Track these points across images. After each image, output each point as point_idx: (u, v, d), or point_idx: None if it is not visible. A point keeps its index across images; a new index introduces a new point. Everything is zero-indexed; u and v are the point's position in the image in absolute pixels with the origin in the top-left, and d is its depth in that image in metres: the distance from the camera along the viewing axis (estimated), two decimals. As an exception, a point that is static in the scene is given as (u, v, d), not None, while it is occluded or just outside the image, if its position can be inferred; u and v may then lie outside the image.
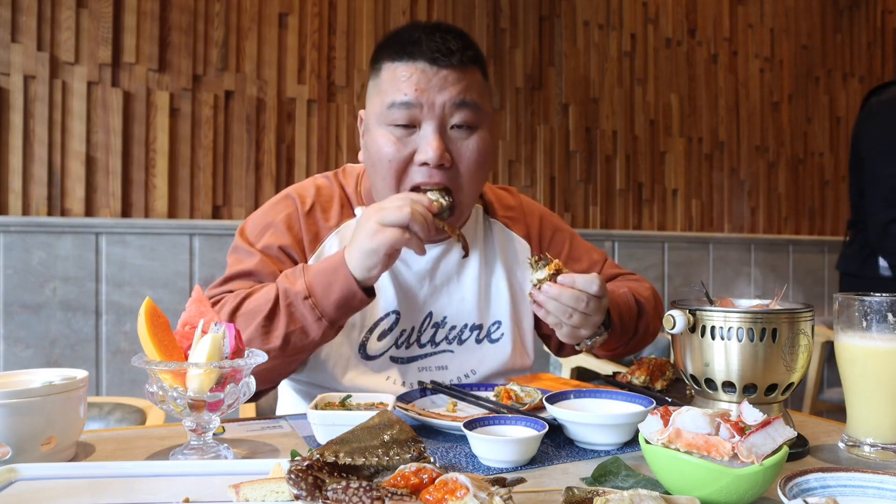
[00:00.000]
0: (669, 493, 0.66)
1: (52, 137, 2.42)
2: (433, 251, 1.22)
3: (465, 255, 1.21)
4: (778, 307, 0.90)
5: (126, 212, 2.52)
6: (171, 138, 2.58)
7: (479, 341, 1.24)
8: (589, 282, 1.02)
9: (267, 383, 1.10)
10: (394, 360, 1.20)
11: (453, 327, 1.23)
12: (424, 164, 1.08)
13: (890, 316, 0.85)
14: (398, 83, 1.08)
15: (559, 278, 1.02)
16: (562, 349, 1.37)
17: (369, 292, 1.04)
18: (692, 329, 0.87)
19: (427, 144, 1.07)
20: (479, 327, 1.24)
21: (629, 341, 1.22)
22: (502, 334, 1.25)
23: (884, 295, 0.85)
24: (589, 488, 0.63)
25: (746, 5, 3.81)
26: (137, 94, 2.54)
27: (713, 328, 0.85)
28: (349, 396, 0.95)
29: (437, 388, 1.10)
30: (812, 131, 4.02)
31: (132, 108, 2.53)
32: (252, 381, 0.86)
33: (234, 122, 2.69)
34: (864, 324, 0.86)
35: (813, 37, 4.02)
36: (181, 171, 2.60)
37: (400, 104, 1.07)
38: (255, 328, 1.01)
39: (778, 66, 3.91)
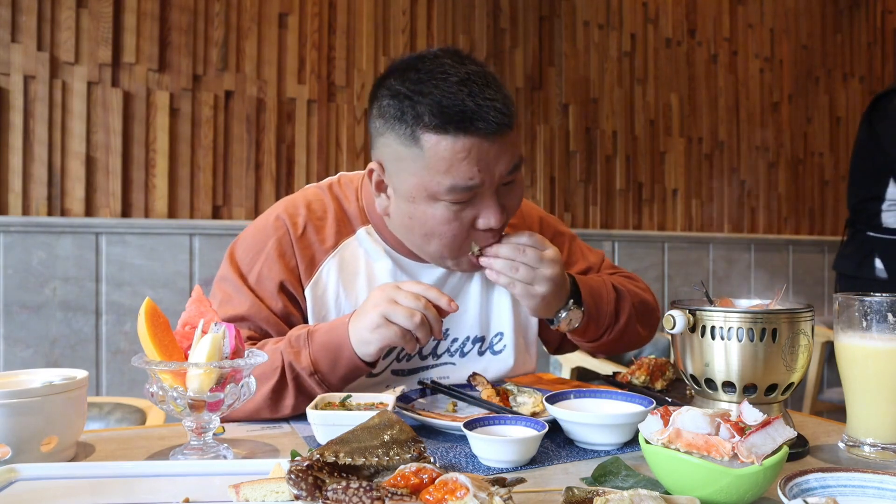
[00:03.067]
0: (669, 493, 0.66)
1: (52, 137, 2.42)
2: (439, 270, 1.20)
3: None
4: (778, 307, 0.90)
5: (126, 212, 2.52)
6: (171, 138, 2.58)
7: (481, 353, 1.24)
8: (520, 233, 1.09)
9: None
10: (395, 373, 1.19)
11: (455, 339, 1.22)
12: (488, 230, 1.07)
13: (890, 316, 0.85)
14: (458, 165, 1.00)
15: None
16: (560, 347, 1.36)
17: (376, 361, 1.05)
18: (692, 329, 0.87)
19: (491, 213, 1.05)
20: (482, 339, 1.24)
21: (612, 329, 1.19)
22: (504, 346, 1.25)
23: (884, 295, 0.85)
24: (589, 488, 0.63)
25: (746, 5, 3.81)
26: (137, 94, 2.54)
27: (713, 328, 0.85)
28: (349, 396, 0.95)
29: (437, 388, 1.10)
30: (812, 131, 4.02)
31: (132, 108, 2.53)
32: (252, 381, 0.86)
33: (234, 122, 2.69)
34: (864, 324, 0.86)
35: (813, 37, 4.02)
36: (181, 171, 2.60)
37: (465, 188, 1.01)
38: (263, 399, 1.02)
39: (778, 66, 3.91)
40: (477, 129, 0.98)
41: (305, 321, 1.14)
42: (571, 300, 1.13)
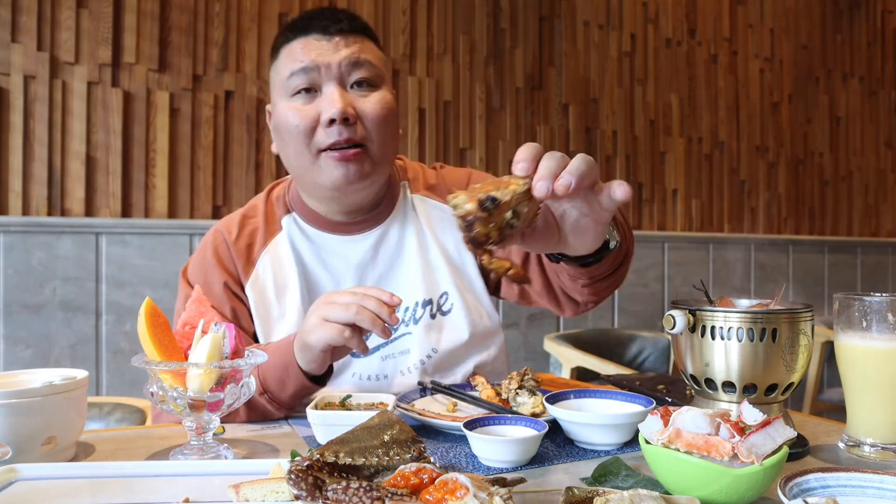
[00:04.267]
0: (669, 493, 0.66)
1: (52, 137, 2.42)
2: (369, 238, 1.21)
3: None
4: (778, 307, 0.90)
5: (126, 212, 2.52)
6: (171, 138, 2.58)
7: (433, 316, 1.22)
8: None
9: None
10: (354, 355, 1.17)
11: (406, 308, 1.21)
12: (331, 122, 1.09)
13: (890, 316, 0.85)
14: (294, 55, 1.11)
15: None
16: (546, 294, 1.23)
17: (326, 377, 1.04)
18: (692, 329, 0.87)
19: (330, 102, 1.09)
20: (430, 302, 1.22)
21: (623, 263, 1.07)
22: (452, 304, 1.22)
23: (884, 295, 0.85)
24: (589, 488, 0.63)
25: (746, 5, 3.81)
26: (137, 94, 2.54)
27: (713, 328, 0.85)
28: (349, 396, 0.95)
29: (437, 388, 1.10)
30: (812, 131, 4.02)
31: (132, 108, 2.53)
32: (252, 381, 0.86)
33: (234, 122, 2.69)
34: (864, 324, 0.86)
35: (813, 37, 4.02)
36: (181, 171, 2.61)
37: (298, 71, 1.10)
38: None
39: (778, 66, 3.91)
40: (312, 28, 1.12)
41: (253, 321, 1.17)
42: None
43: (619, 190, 0.75)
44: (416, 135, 3.01)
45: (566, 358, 2.57)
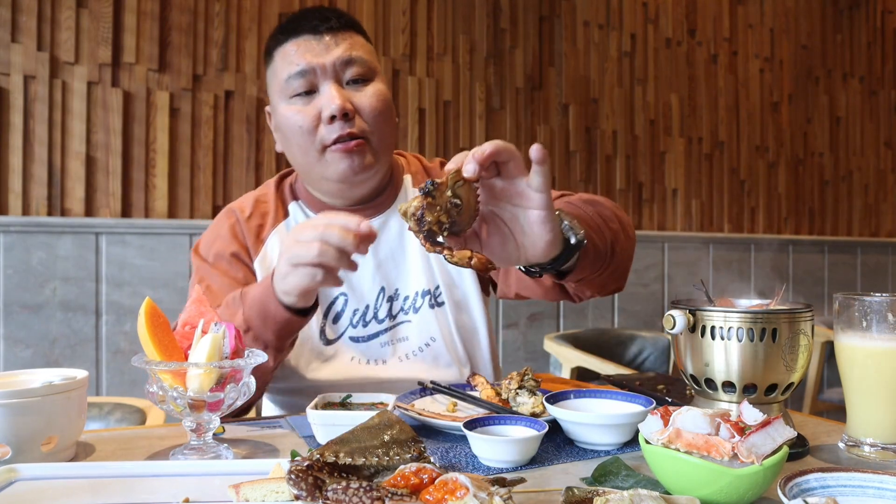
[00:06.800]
0: (669, 493, 0.66)
1: (52, 137, 2.42)
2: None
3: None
4: (778, 307, 0.90)
5: (126, 212, 2.52)
6: (171, 138, 2.58)
7: (431, 306, 1.25)
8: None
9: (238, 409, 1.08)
10: (353, 339, 1.22)
11: (406, 297, 1.25)
12: (332, 118, 1.12)
13: (890, 316, 0.85)
14: (289, 58, 1.15)
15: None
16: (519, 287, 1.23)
17: (309, 310, 1.02)
18: (692, 329, 0.87)
19: (328, 99, 1.13)
20: (429, 292, 1.26)
21: (612, 254, 1.03)
22: (444, 299, 1.27)
23: (884, 295, 0.85)
24: (589, 488, 0.63)
25: (746, 5, 3.81)
26: (137, 94, 2.54)
27: (713, 328, 0.85)
28: (349, 396, 0.95)
29: (437, 388, 1.10)
30: (812, 131, 4.02)
31: (132, 108, 2.53)
32: (252, 381, 0.86)
33: (234, 122, 2.69)
34: (864, 324, 0.86)
35: (813, 37, 4.02)
36: (181, 171, 2.61)
37: (296, 74, 1.14)
38: None
39: (778, 66, 3.91)
40: (302, 29, 1.16)
41: None
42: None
43: (533, 149, 0.78)
44: (416, 134, 3.01)
45: (566, 358, 2.57)
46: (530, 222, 0.83)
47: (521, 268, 0.96)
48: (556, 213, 0.88)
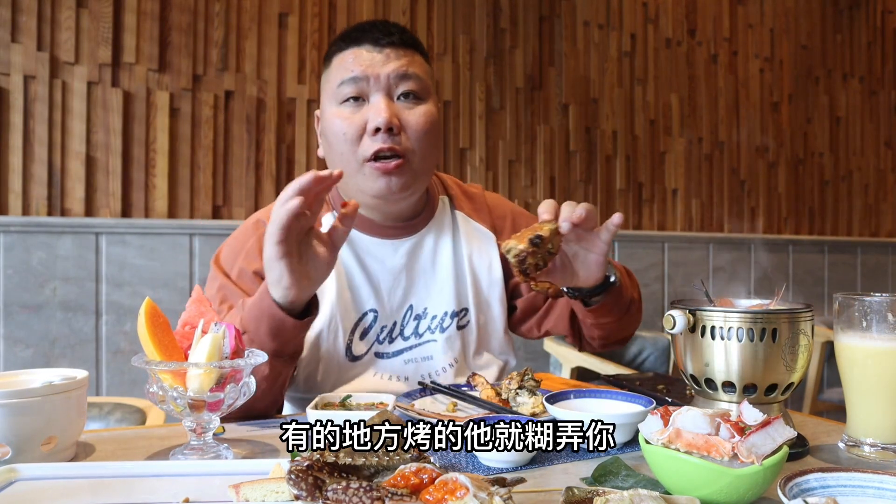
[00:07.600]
0: (669, 493, 0.66)
1: (52, 137, 2.42)
2: (405, 245, 1.23)
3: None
4: (778, 307, 0.90)
5: (126, 212, 2.52)
6: (171, 138, 2.58)
7: (459, 328, 1.26)
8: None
9: (251, 416, 1.07)
10: (378, 355, 1.21)
11: (434, 316, 1.24)
12: (376, 130, 1.11)
13: (890, 316, 0.85)
14: (345, 64, 1.15)
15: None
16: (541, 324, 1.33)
17: (305, 312, 1.00)
18: (692, 329, 0.87)
19: (376, 111, 1.12)
20: (457, 314, 1.26)
21: (626, 311, 1.20)
22: (468, 321, 1.27)
23: (884, 295, 0.85)
24: (589, 488, 0.63)
25: (746, 5, 3.81)
26: (137, 94, 2.54)
27: (713, 328, 0.85)
28: (349, 396, 0.95)
29: (437, 388, 1.10)
30: (812, 131, 4.02)
31: (132, 108, 2.53)
32: (252, 381, 0.86)
33: (234, 122, 2.69)
34: (864, 324, 0.86)
35: (813, 37, 4.02)
36: (181, 171, 2.61)
37: (348, 80, 1.14)
38: None
39: (778, 66, 3.91)
40: (364, 39, 1.16)
41: None
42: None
43: (615, 216, 1.00)
44: (416, 135, 3.01)
45: (566, 358, 2.57)
46: (589, 262, 1.04)
47: (565, 289, 1.13)
48: None
